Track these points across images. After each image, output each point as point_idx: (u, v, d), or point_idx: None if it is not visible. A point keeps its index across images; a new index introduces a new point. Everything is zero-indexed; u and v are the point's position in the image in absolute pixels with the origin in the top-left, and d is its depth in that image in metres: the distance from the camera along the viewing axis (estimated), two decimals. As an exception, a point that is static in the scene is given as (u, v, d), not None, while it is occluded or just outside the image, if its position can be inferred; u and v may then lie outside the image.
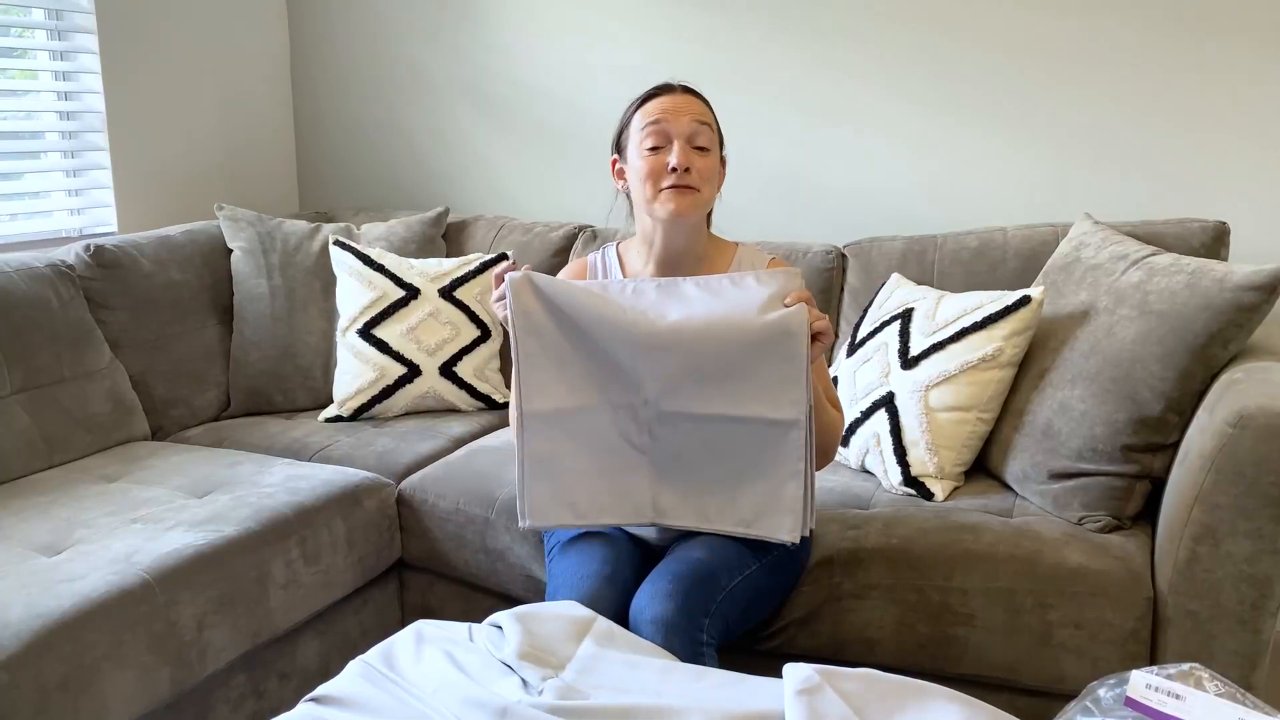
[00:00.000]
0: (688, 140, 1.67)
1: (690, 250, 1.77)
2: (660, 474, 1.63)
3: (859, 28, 2.64)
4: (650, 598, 1.54)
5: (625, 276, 1.81)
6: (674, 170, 1.65)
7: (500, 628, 1.41)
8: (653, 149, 1.68)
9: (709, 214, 1.81)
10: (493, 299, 1.63)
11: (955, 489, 1.99)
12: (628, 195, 1.78)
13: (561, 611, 1.44)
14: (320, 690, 1.29)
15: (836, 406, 1.77)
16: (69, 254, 2.39)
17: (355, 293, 2.52)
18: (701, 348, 1.57)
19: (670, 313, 1.59)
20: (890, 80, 2.63)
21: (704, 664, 1.46)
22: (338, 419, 2.47)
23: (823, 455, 1.70)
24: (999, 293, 2.04)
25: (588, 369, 1.63)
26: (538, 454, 1.64)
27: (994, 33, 2.51)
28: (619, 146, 1.76)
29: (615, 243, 1.88)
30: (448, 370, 2.49)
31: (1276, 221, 2.34)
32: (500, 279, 1.61)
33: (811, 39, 2.69)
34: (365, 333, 2.48)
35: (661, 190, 1.68)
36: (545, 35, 3.00)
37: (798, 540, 1.60)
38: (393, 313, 2.50)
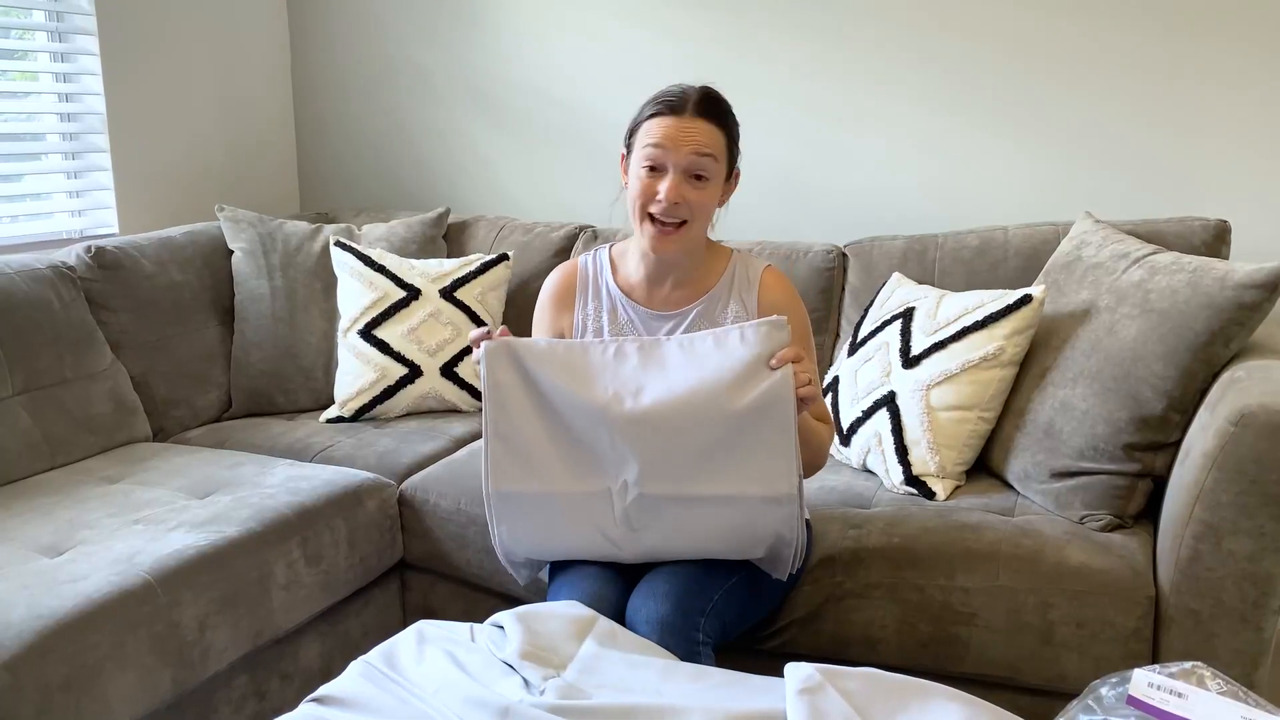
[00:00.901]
0: (684, 171, 1.62)
1: (680, 264, 1.75)
2: (642, 556, 1.61)
3: (860, 27, 2.63)
4: (646, 597, 1.54)
5: (617, 282, 1.79)
6: (661, 201, 1.62)
7: (502, 627, 1.41)
8: (650, 169, 1.64)
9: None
10: (472, 360, 1.61)
11: (957, 488, 1.99)
12: None
13: (563, 611, 1.44)
14: (322, 690, 1.29)
15: (825, 421, 1.76)
16: (70, 255, 2.39)
17: (356, 293, 2.52)
18: (683, 424, 1.50)
19: (650, 386, 1.52)
20: (891, 80, 2.63)
21: (700, 663, 1.46)
22: (339, 420, 2.47)
23: (812, 469, 1.69)
24: (1000, 292, 2.04)
25: (562, 452, 1.56)
26: (509, 534, 1.63)
27: (995, 33, 2.51)
28: (628, 145, 1.70)
29: (609, 245, 1.86)
30: (449, 371, 2.49)
31: (1277, 220, 2.34)
32: (477, 343, 1.57)
33: (813, 38, 2.69)
34: (366, 333, 2.48)
35: (648, 217, 1.65)
36: (546, 36, 3.00)
37: (784, 578, 1.63)
38: (394, 313, 2.50)
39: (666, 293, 1.77)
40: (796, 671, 1.24)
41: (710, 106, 1.64)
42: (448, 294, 2.54)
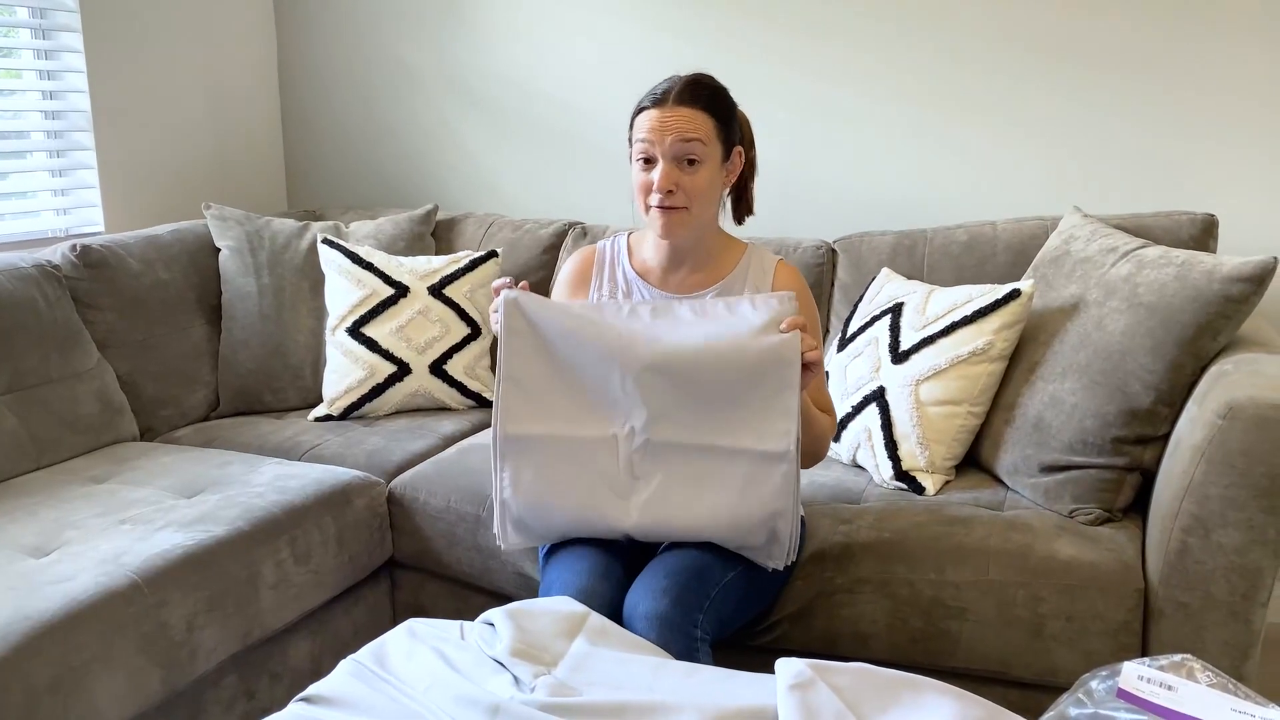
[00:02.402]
0: (673, 159, 1.66)
1: (696, 250, 1.79)
2: (641, 515, 1.62)
3: (849, 24, 2.63)
4: (644, 594, 1.54)
5: (634, 267, 1.83)
6: (657, 191, 1.67)
7: (492, 625, 1.41)
8: (644, 163, 1.69)
9: (739, 205, 1.84)
10: (490, 309, 1.64)
11: (946, 483, 1.99)
12: None
13: (554, 608, 1.44)
14: (311, 690, 1.28)
15: (829, 412, 1.79)
16: (55, 254, 2.37)
17: (344, 291, 2.51)
18: (694, 373, 1.57)
19: (663, 337, 1.59)
20: (880, 75, 2.63)
21: (698, 660, 1.47)
22: (327, 418, 2.46)
23: (813, 459, 1.73)
24: (989, 286, 2.05)
25: (572, 397, 1.62)
26: (513, 481, 1.63)
27: (984, 29, 2.51)
28: (631, 129, 1.74)
29: (628, 232, 1.90)
30: (438, 368, 2.49)
31: (1264, 213, 2.35)
32: (497, 292, 1.62)
33: (802, 35, 2.69)
34: (355, 331, 2.47)
35: (650, 208, 1.70)
36: (534, 32, 2.99)
37: (780, 567, 1.62)
38: (382, 311, 2.49)
39: (682, 277, 1.81)
40: (787, 667, 1.24)
41: (694, 92, 1.68)
42: (436, 291, 2.53)
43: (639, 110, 1.70)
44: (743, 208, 1.86)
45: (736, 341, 1.56)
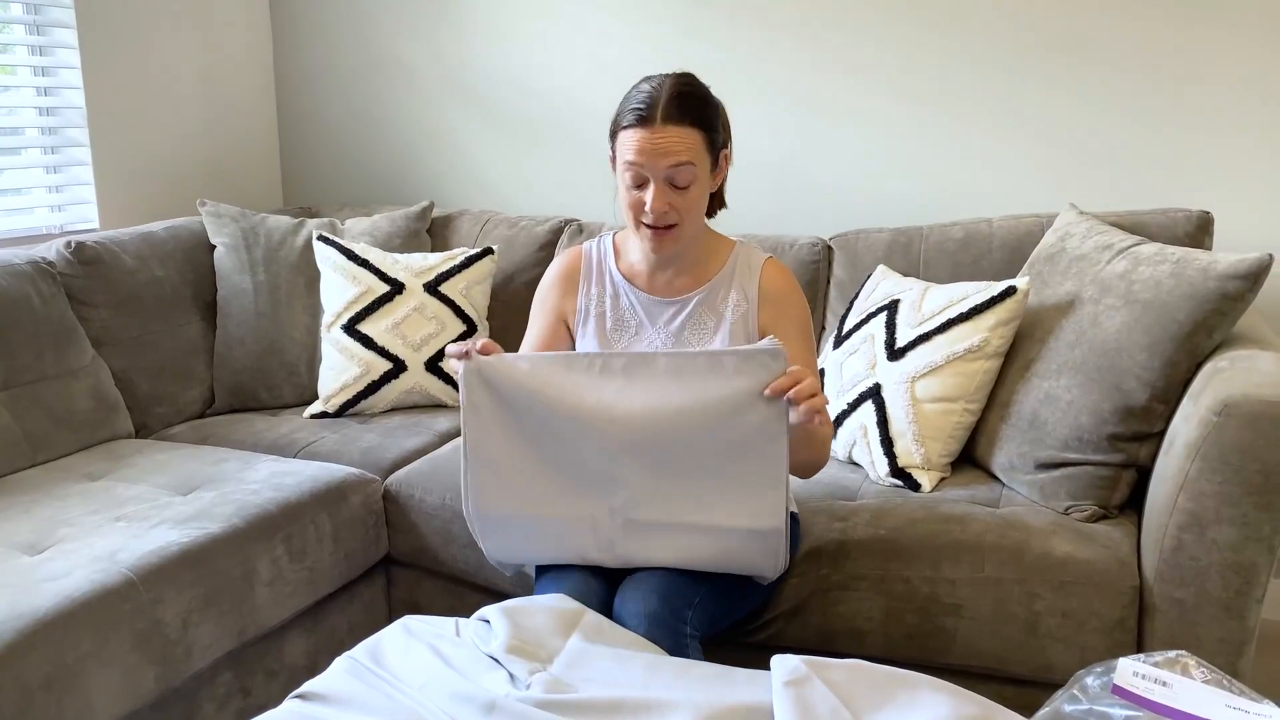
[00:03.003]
0: (665, 182, 1.62)
1: (683, 254, 1.77)
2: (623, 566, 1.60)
3: (846, 21, 2.63)
4: (634, 592, 1.54)
5: (619, 268, 1.81)
6: (649, 212, 1.64)
7: (488, 622, 1.40)
8: (632, 185, 1.65)
9: (714, 201, 1.79)
10: (450, 368, 1.58)
11: (942, 480, 1.99)
12: None
13: (549, 605, 1.44)
14: (306, 687, 1.28)
15: (825, 423, 1.75)
16: (50, 251, 2.37)
17: (340, 288, 2.51)
18: (674, 450, 1.48)
19: (638, 403, 1.48)
20: (876, 73, 2.63)
21: (687, 656, 1.46)
22: (323, 415, 2.46)
23: (814, 469, 1.71)
24: (984, 284, 2.05)
25: (545, 477, 1.54)
26: (496, 548, 1.65)
27: (979, 26, 2.51)
28: (612, 146, 1.69)
29: (613, 232, 1.88)
30: (433, 365, 2.48)
31: (1260, 210, 2.35)
32: (457, 357, 1.54)
33: (798, 32, 2.68)
34: (350, 328, 2.46)
35: (641, 225, 1.68)
36: (530, 28, 2.98)
37: (774, 578, 1.62)
38: (378, 308, 2.48)
39: (669, 279, 1.79)
40: (782, 663, 1.24)
41: (680, 106, 1.61)
42: (432, 288, 2.53)
43: (624, 127, 1.63)
44: (716, 204, 1.79)
45: (719, 414, 1.46)
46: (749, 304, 1.75)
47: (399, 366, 2.45)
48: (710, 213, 1.80)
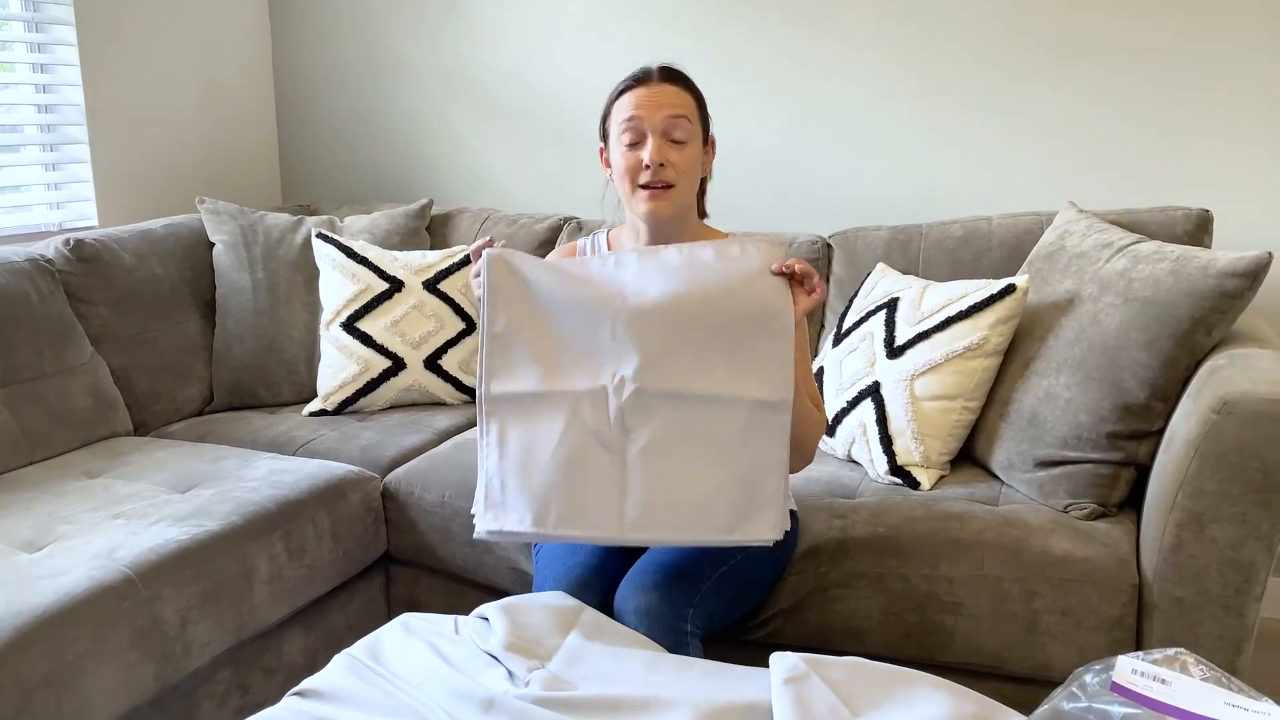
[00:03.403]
0: (663, 135, 1.64)
1: (678, 239, 1.76)
2: (630, 479, 1.51)
3: (844, 18, 2.63)
4: (634, 588, 1.54)
5: None
6: (648, 167, 1.64)
7: (486, 619, 1.40)
8: (630, 145, 1.66)
9: (701, 199, 1.81)
10: (471, 274, 1.61)
11: (941, 478, 1.99)
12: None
13: (548, 602, 1.44)
14: (305, 684, 1.28)
15: (819, 406, 1.74)
16: (48, 248, 2.37)
17: (338, 286, 2.51)
18: (684, 322, 1.52)
19: (651, 286, 1.54)
20: (875, 70, 2.62)
21: (688, 654, 1.46)
22: (322, 413, 2.46)
23: (802, 455, 1.66)
24: (984, 281, 2.04)
25: (558, 350, 1.55)
26: (498, 442, 1.55)
27: (979, 24, 2.51)
28: (604, 134, 1.73)
29: (606, 229, 1.88)
30: (432, 363, 2.48)
31: (1259, 208, 2.35)
32: (478, 254, 1.59)
33: (798, 29, 2.68)
34: (349, 326, 2.46)
35: (639, 188, 1.67)
36: (529, 26, 2.98)
37: (780, 537, 1.51)
38: (377, 305, 2.48)
39: None
40: (781, 661, 1.24)
41: (674, 73, 1.70)
42: (431, 286, 2.52)
43: (620, 92, 1.69)
44: (701, 202, 1.83)
45: (727, 286, 1.53)
46: None
47: (398, 364, 2.45)
48: (699, 208, 1.82)
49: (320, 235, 2.58)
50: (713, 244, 1.57)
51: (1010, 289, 1.97)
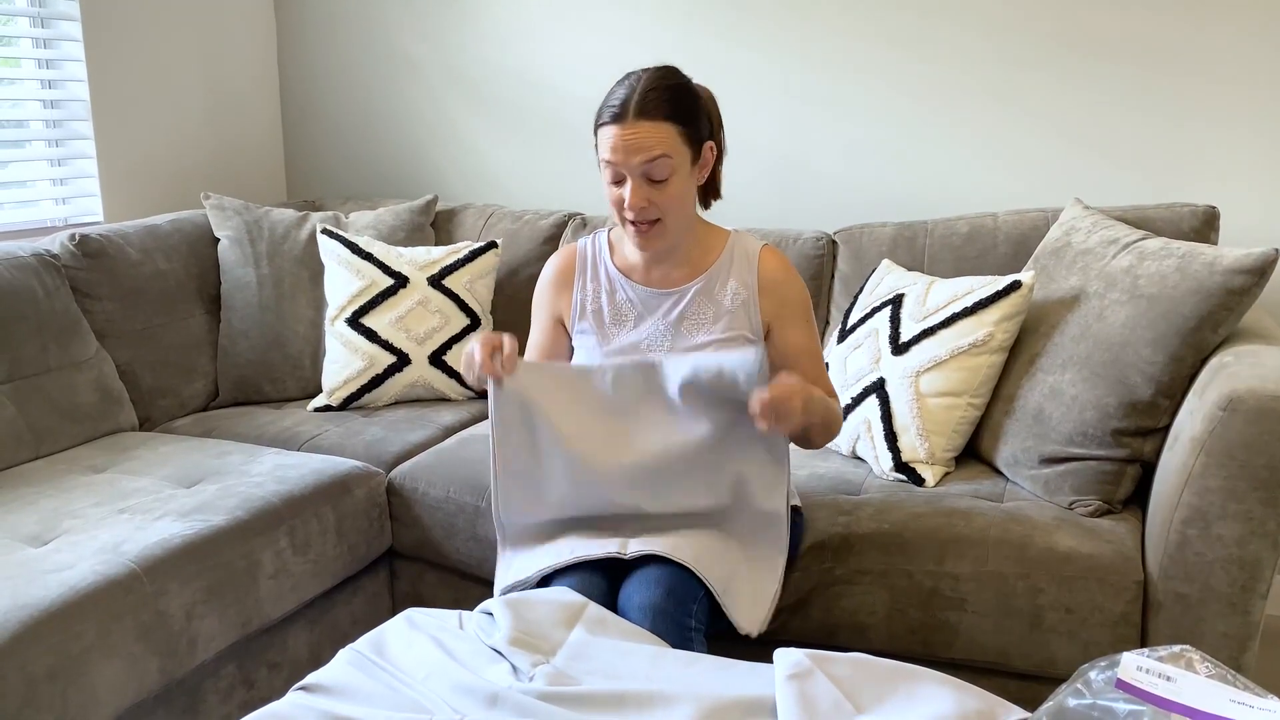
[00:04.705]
0: (642, 177, 1.63)
1: (676, 248, 1.77)
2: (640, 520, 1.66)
3: (850, 13, 2.63)
4: (639, 584, 1.54)
5: (615, 263, 1.81)
6: (630, 209, 1.65)
7: (491, 614, 1.41)
8: (612, 181, 1.67)
9: (706, 194, 1.79)
10: (472, 367, 1.63)
11: (946, 474, 1.99)
12: None
13: (552, 598, 1.44)
14: (310, 679, 1.28)
15: (834, 397, 1.77)
16: (54, 243, 2.37)
17: (344, 281, 2.51)
18: (684, 473, 1.64)
19: (651, 429, 1.64)
20: (881, 66, 2.62)
21: (692, 650, 1.46)
22: (327, 408, 2.46)
23: (827, 434, 1.73)
24: (989, 278, 2.04)
25: (565, 489, 1.66)
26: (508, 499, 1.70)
27: (985, 19, 2.50)
28: (596, 135, 1.69)
29: (607, 229, 1.87)
30: (437, 359, 2.48)
31: (1266, 205, 2.34)
32: (486, 368, 1.62)
33: (803, 25, 2.68)
34: (354, 321, 2.46)
35: (627, 223, 1.68)
36: (534, 22, 2.98)
37: (753, 634, 1.58)
38: (381, 301, 2.48)
39: (665, 272, 1.79)
40: (785, 657, 1.24)
41: (653, 102, 1.61)
42: (436, 282, 2.52)
43: (600, 124, 1.65)
44: (710, 194, 1.80)
45: (719, 442, 1.63)
46: (749, 292, 1.75)
47: (403, 360, 2.45)
48: (704, 203, 1.80)
49: (325, 231, 2.58)
50: (702, 377, 1.60)
51: (1016, 285, 1.96)
